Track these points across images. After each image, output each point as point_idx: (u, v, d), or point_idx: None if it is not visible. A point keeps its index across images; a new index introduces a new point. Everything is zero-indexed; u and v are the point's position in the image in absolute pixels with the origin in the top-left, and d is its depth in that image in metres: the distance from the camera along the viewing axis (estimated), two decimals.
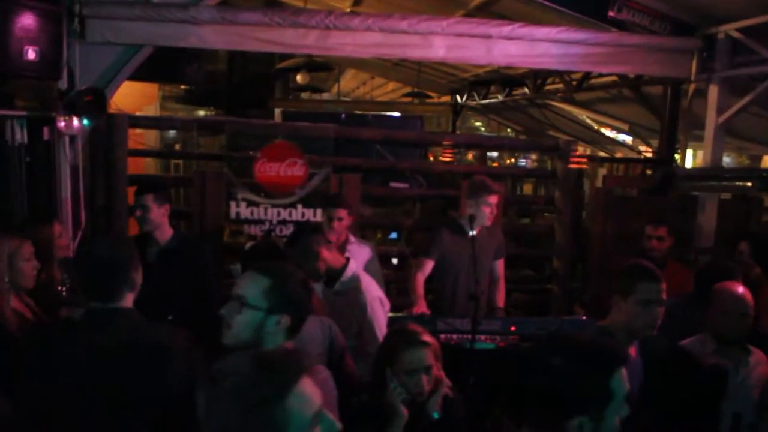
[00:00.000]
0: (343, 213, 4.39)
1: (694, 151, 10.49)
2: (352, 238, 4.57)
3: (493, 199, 4.49)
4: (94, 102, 4.57)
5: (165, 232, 4.03)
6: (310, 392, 1.42)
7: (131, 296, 2.36)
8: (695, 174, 5.94)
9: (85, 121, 4.56)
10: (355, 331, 3.38)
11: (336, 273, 3.50)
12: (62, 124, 4.50)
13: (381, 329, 3.35)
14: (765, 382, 3.13)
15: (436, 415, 2.59)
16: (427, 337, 2.64)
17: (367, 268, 4.45)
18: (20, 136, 4.56)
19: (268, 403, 1.36)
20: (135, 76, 5.51)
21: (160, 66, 5.74)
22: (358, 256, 4.45)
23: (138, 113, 8.74)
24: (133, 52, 5.06)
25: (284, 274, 2.19)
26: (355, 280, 3.48)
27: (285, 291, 2.14)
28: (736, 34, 5.32)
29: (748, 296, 3.14)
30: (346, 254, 4.36)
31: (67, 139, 4.84)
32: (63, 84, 4.67)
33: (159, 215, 3.99)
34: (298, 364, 1.44)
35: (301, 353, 1.51)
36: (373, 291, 3.52)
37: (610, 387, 1.63)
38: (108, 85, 5.01)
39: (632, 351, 2.73)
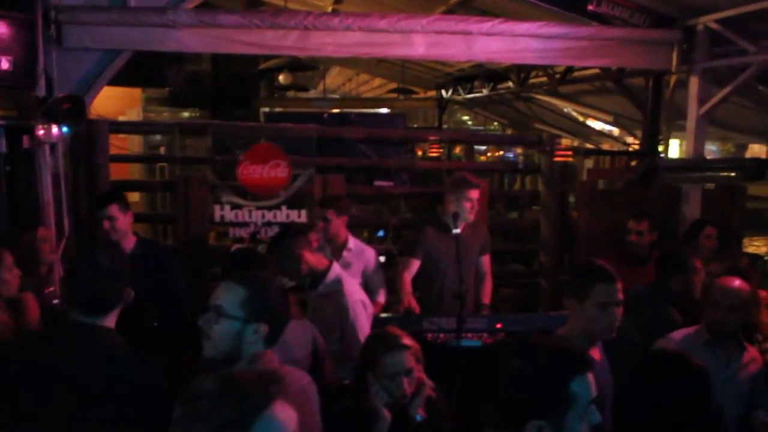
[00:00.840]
0: (330, 214, 4.37)
1: (679, 141, 10.56)
2: (351, 243, 4.51)
3: (474, 194, 4.49)
4: (72, 109, 4.51)
5: (130, 240, 3.98)
6: (282, 418, 1.38)
7: (116, 314, 2.35)
8: (678, 165, 5.96)
9: (65, 129, 4.50)
10: (337, 335, 3.37)
11: (319, 275, 3.48)
12: (41, 132, 4.44)
13: (363, 332, 3.34)
14: (756, 379, 3.12)
15: (419, 418, 2.59)
16: (407, 340, 2.64)
17: (368, 275, 4.46)
18: None
19: (232, 429, 1.33)
20: (115, 81, 5.48)
21: (141, 70, 5.72)
22: (359, 259, 4.45)
23: (121, 117, 8.71)
24: (112, 57, 5.02)
25: (260, 282, 2.18)
26: (338, 282, 3.47)
27: (262, 300, 2.12)
28: (714, 26, 5.33)
29: (743, 290, 3.11)
30: (344, 257, 4.39)
31: (47, 147, 4.78)
32: (41, 91, 4.63)
33: (125, 223, 3.94)
34: (267, 390, 1.39)
35: (276, 374, 1.47)
36: (356, 294, 3.51)
37: (569, 392, 1.60)
38: (87, 91, 4.97)
39: (596, 352, 2.65)
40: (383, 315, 4.30)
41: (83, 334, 2.27)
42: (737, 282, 3.16)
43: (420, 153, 11.83)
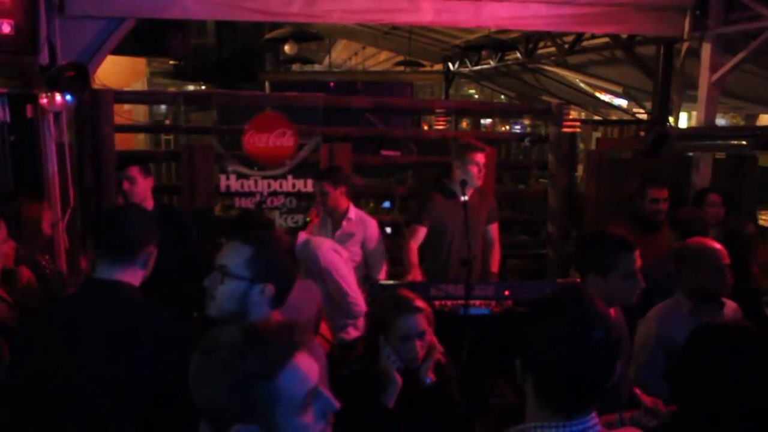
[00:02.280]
0: (326, 186, 4.34)
1: (689, 113, 10.45)
2: (351, 212, 4.47)
3: (480, 158, 4.44)
4: (76, 77, 4.49)
5: (149, 205, 4.01)
6: (305, 369, 1.35)
7: (141, 275, 2.30)
8: (689, 134, 5.88)
9: (68, 97, 4.48)
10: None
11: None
12: (45, 100, 4.42)
13: (342, 276, 3.38)
14: None
15: (428, 381, 2.57)
16: (419, 303, 2.62)
17: (369, 248, 4.44)
18: (2, 114, 4.48)
19: (256, 379, 1.30)
20: (119, 51, 5.42)
21: (144, 39, 5.66)
22: (359, 229, 4.42)
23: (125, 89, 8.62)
24: (115, 25, 4.95)
25: (267, 242, 2.14)
26: (306, 247, 3.50)
27: (268, 259, 2.09)
28: None
29: (723, 251, 3.07)
30: (343, 227, 4.37)
31: (51, 116, 4.75)
32: (44, 59, 4.58)
33: (145, 187, 4.01)
34: (292, 339, 1.37)
35: (296, 326, 1.44)
36: (325, 243, 3.64)
37: None
38: (91, 59, 4.90)
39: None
40: (390, 282, 4.27)
41: (108, 289, 2.22)
42: (713, 243, 3.13)
43: (426, 128, 11.75)
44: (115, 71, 7.86)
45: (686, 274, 3.09)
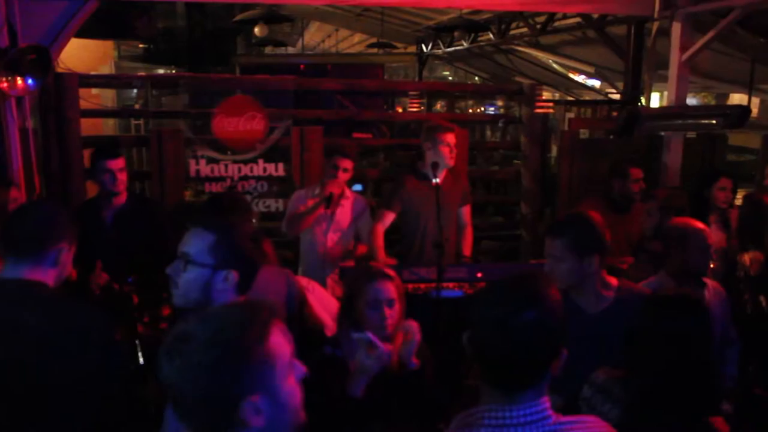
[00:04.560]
0: (348, 164, 4.35)
1: (660, 93, 10.51)
2: (348, 192, 4.50)
3: (449, 138, 4.41)
4: (38, 60, 4.35)
5: (123, 194, 3.96)
6: (283, 334, 1.34)
7: (53, 273, 2.19)
8: (660, 113, 5.90)
9: (30, 81, 4.35)
10: None
11: None
12: (5, 84, 4.29)
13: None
14: (724, 312, 3.15)
15: (412, 366, 2.52)
16: (389, 272, 2.61)
17: (360, 223, 4.49)
18: None
19: (253, 343, 1.28)
20: (83, 33, 5.29)
21: (109, 21, 5.52)
22: (355, 207, 4.49)
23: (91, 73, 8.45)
24: (78, 6, 4.81)
25: (229, 228, 2.09)
26: None
27: (231, 246, 2.04)
28: None
29: (708, 231, 3.12)
30: (342, 205, 4.42)
31: (13, 100, 4.63)
32: (3, 42, 4.44)
33: (126, 177, 3.95)
34: (269, 307, 1.36)
35: (260, 303, 1.41)
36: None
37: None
38: (53, 42, 4.77)
39: None
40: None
41: (13, 288, 2.12)
42: (699, 223, 3.16)
43: (400, 110, 11.70)
44: (81, 55, 7.69)
45: (672, 253, 3.12)
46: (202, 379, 1.26)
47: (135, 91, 8.58)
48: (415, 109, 8.86)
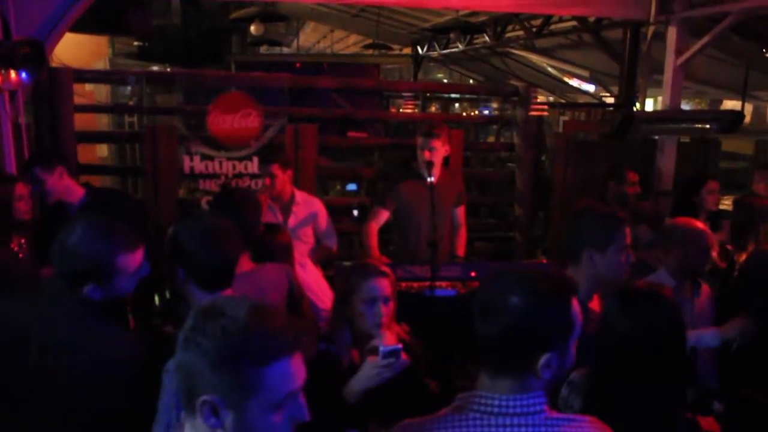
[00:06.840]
0: (275, 169, 4.21)
1: (655, 99, 10.55)
2: (298, 196, 4.39)
3: (441, 132, 4.38)
4: (32, 54, 4.33)
5: (76, 192, 3.91)
6: (294, 370, 1.32)
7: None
8: (654, 117, 5.93)
9: (24, 75, 4.33)
10: None
11: None
12: None
13: (315, 294, 3.34)
14: (710, 315, 3.20)
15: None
16: (384, 269, 2.60)
17: (319, 226, 4.39)
18: None
19: (248, 359, 1.27)
20: (78, 28, 5.25)
21: (104, 16, 5.46)
22: (308, 211, 4.37)
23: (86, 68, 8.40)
24: (73, 0, 4.80)
25: (178, 226, 2.16)
26: None
27: (176, 241, 2.13)
28: None
29: (709, 232, 3.17)
30: (294, 212, 4.30)
31: (6, 95, 4.61)
32: None
33: (56, 180, 3.85)
34: (296, 338, 1.34)
35: (303, 327, 1.41)
36: None
37: (571, 318, 1.58)
38: (47, 36, 4.74)
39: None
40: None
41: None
42: (698, 223, 3.21)
43: (394, 112, 11.69)
44: (75, 51, 7.65)
45: (673, 253, 3.14)
46: (192, 353, 1.30)
47: (129, 87, 8.52)
48: (409, 111, 8.87)
